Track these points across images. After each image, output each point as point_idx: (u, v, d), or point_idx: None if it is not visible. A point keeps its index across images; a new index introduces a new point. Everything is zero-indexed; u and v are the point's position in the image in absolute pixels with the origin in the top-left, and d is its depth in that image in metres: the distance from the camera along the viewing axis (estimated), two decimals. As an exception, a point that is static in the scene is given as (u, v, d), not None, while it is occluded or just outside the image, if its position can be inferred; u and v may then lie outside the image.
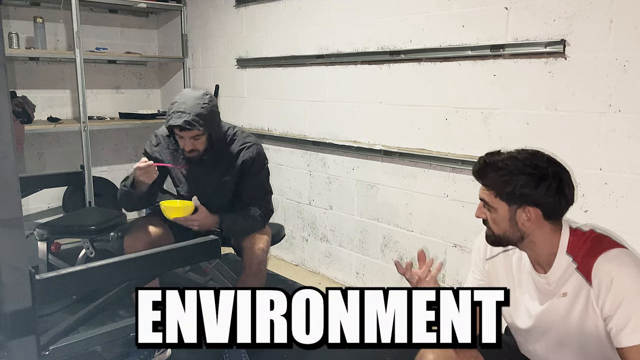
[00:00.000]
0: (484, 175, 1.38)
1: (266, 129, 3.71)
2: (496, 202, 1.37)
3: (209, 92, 2.26)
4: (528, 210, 1.34)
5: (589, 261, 1.30)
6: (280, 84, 3.55)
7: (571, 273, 1.33)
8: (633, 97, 1.96)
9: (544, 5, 2.16)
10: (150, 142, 2.40)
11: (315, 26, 3.23)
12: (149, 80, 4.76)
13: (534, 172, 1.33)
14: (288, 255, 3.72)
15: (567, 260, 1.34)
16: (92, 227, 3.01)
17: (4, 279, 1.29)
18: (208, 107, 2.18)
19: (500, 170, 1.35)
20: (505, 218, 1.36)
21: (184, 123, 2.10)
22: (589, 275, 1.29)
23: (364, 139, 3.03)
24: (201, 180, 2.36)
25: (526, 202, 1.33)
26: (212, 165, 2.32)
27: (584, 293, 1.31)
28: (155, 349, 2.34)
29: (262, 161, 2.40)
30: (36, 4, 3.96)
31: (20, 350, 1.35)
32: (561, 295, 1.35)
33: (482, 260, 1.56)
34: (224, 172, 2.34)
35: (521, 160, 1.35)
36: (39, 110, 3.96)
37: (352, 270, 3.24)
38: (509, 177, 1.33)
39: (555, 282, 1.36)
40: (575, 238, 1.35)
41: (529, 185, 1.32)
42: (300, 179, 3.52)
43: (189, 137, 2.18)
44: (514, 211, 1.35)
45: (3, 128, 1.19)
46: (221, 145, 2.32)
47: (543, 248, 1.37)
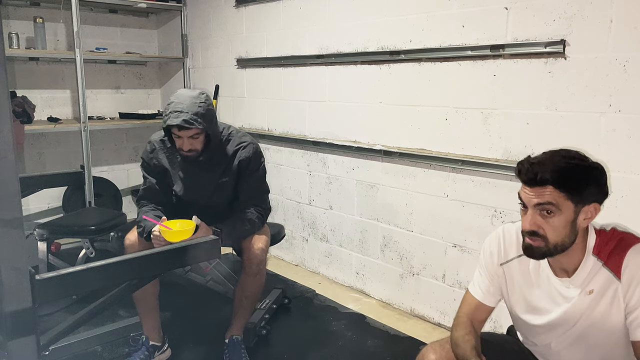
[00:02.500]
0: (549, 176, 1.27)
1: (266, 129, 3.71)
2: (564, 204, 1.27)
3: (205, 92, 2.26)
4: (589, 209, 1.29)
5: (618, 256, 1.29)
6: (280, 84, 3.55)
7: (597, 270, 1.32)
8: (633, 97, 1.96)
9: (544, 5, 2.16)
10: (146, 150, 2.39)
11: (315, 26, 3.23)
12: (149, 80, 4.76)
13: (597, 166, 1.30)
14: (288, 255, 3.73)
15: (593, 260, 1.33)
16: (92, 227, 3.01)
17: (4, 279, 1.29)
18: (205, 105, 2.18)
19: (568, 167, 1.28)
20: (568, 221, 1.28)
21: (183, 122, 2.10)
22: (619, 269, 1.28)
23: (364, 139, 3.03)
24: (199, 182, 2.36)
25: (592, 199, 1.29)
26: (209, 166, 2.32)
27: (612, 289, 1.30)
28: (155, 349, 2.34)
29: (259, 160, 2.39)
30: (36, 4, 3.96)
31: (20, 350, 1.35)
32: (587, 293, 1.34)
33: (495, 265, 1.51)
34: (221, 172, 2.34)
35: (575, 157, 1.30)
36: (39, 110, 3.96)
37: (352, 270, 3.24)
38: (582, 172, 1.28)
39: (580, 283, 1.35)
40: (600, 238, 1.34)
41: (599, 181, 1.29)
42: (300, 179, 3.52)
43: (187, 136, 2.18)
44: (578, 211, 1.29)
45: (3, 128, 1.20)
46: (218, 145, 2.32)
47: (575, 252, 1.33)
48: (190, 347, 2.51)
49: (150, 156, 2.37)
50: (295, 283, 3.31)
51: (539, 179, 1.27)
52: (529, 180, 1.29)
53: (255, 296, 2.38)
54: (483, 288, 1.54)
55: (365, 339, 2.61)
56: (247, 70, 3.81)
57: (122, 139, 4.61)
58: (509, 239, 1.49)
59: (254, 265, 2.28)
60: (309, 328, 2.76)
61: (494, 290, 1.53)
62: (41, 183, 3.16)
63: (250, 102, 3.83)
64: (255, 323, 2.56)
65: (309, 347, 2.55)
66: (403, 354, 2.47)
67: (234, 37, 3.88)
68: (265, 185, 2.45)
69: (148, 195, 2.37)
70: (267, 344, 2.57)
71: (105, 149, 4.52)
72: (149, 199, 2.36)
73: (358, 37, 2.98)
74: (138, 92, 4.69)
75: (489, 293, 1.54)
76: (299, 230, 3.60)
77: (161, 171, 2.37)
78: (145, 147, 2.40)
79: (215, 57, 4.11)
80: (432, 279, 2.76)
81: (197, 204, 2.38)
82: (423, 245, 2.78)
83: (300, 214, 3.56)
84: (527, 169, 1.30)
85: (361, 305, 3.01)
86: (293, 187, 3.58)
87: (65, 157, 4.23)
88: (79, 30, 3.68)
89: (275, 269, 3.51)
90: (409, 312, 2.91)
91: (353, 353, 2.50)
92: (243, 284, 2.33)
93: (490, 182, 2.43)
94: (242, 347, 2.36)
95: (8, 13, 3.85)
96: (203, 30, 4.20)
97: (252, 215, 2.33)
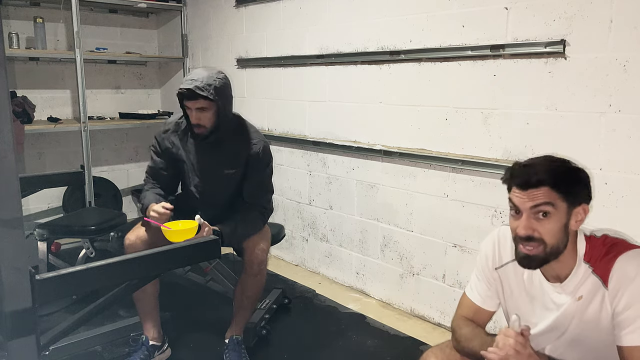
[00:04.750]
0: (544, 177, 1.27)
1: (266, 129, 3.71)
2: (559, 204, 1.27)
3: (224, 72, 2.26)
4: (579, 210, 1.30)
5: (607, 263, 1.28)
6: (280, 84, 3.55)
7: (587, 276, 1.32)
8: (633, 97, 1.96)
9: (544, 5, 2.16)
10: (160, 130, 2.41)
11: (315, 26, 3.23)
12: (149, 80, 4.76)
13: (582, 168, 1.32)
14: (288, 255, 3.72)
15: (584, 267, 1.32)
16: (92, 227, 3.01)
17: (4, 279, 1.29)
18: (221, 81, 2.20)
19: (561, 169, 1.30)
20: (562, 223, 1.28)
21: (195, 87, 2.11)
22: (607, 277, 1.28)
23: (364, 139, 3.03)
24: (207, 167, 2.35)
25: (581, 200, 1.30)
26: (218, 152, 2.31)
27: (599, 295, 1.30)
28: (155, 349, 2.34)
29: (268, 159, 2.39)
30: (36, 4, 3.96)
31: (20, 350, 1.35)
32: (576, 299, 1.33)
33: (491, 270, 1.50)
34: (229, 163, 2.33)
35: (563, 160, 1.32)
36: (39, 110, 3.96)
37: (352, 270, 3.24)
38: (573, 173, 1.30)
39: (571, 290, 1.34)
40: (590, 245, 1.34)
41: (587, 182, 1.31)
42: (300, 179, 3.52)
43: (196, 107, 2.18)
44: (570, 213, 1.29)
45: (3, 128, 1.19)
46: (229, 131, 2.31)
47: (567, 258, 1.33)
48: (190, 347, 2.51)
49: (163, 136, 2.39)
50: (295, 283, 3.31)
51: (535, 181, 1.27)
52: (523, 182, 1.28)
53: (255, 296, 2.38)
54: (482, 293, 1.53)
55: (365, 339, 2.61)
56: (247, 70, 3.81)
57: (122, 139, 4.61)
58: (504, 243, 1.47)
59: (255, 265, 2.28)
60: (309, 328, 2.76)
61: (492, 295, 1.52)
62: (41, 183, 3.16)
63: (250, 102, 3.83)
64: (255, 323, 2.56)
65: (309, 347, 2.55)
66: (403, 354, 2.47)
67: (234, 37, 3.88)
68: (271, 185, 2.45)
69: (152, 174, 2.40)
70: (267, 344, 2.57)
71: (105, 149, 4.52)
72: (153, 177, 2.39)
73: (358, 37, 2.98)
74: (138, 92, 4.69)
75: (488, 297, 1.52)
76: (299, 230, 3.60)
77: (171, 153, 2.37)
78: (160, 128, 2.43)
79: (215, 57, 4.11)
80: (432, 279, 2.76)
81: (201, 192, 2.38)
82: (423, 245, 2.78)
83: (300, 214, 3.56)
84: (520, 171, 1.30)
85: (361, 305, 3.01)
86: (293, 187, 3.58)
87: (65, 157, 4.23)
88: (79, 30, 3.69)
89: (275, 269, 3.51)
90: (409, 312, 2.91)
91: (353, 353, 2.50)
92: (243, 284, 2.33)
93: (490, 182, 2.43)
94: (242, 347, 2.36)
95: (8, 13, 3.85)
96: (203, 30, 4.20)
97: (255, 215, 2.33)
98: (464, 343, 1.44)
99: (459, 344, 1.46)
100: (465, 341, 1.44)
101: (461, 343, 1.46)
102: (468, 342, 1.43)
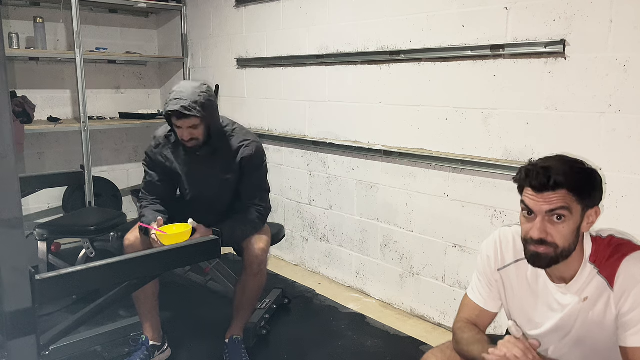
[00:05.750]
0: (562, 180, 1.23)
1: (266, 129, 3.71)
2: (575, 208, 1.25)
3: (207, 83, 2.27)
4: (591, 212, 1.29)
5: (613, 264, 1.28)
6: (280, 84, 3.55)
7: (592, 277, 1.31)
8: (633, 97, 1.96)
9: (544, 5, 2.16)
10: (150, 145, 2.40)
11: (315, 26, 3.23)
12: (149, 80, 4.76)
13: (595, 169, 1.30)
14: (288, 255, 3.72)
15: (590, 268, 1.32)
16: (92, 227, 3.01)
17: (4, 279, 1.29)
18: (206, 95, 2.19)
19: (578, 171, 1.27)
20: (575, 226, 1.26)
21: (182, 108, 2.11)
22: (612, 278, 1.27)
23: (364, 139, 3.03)
24: (203, 177, 2.36)
25: (595, 202, 1.28)
26: (212, 161, 2.32)
27: (605, 297, 1.30)
28: (155, 349, 2.34)
29: (261, 159, 2.40)
30: (36, 4, 3.96)
31: (20, 350, 1.35)
32: (582, 300, 1.33)
33: (493, 271, 1.49)
34: (224, 168, 2.34)
35: (577, 161, 1.30)
36: (39, 110, 3.96)
37: (352, 270, 3.24)
38: (589, 175, 1.28)
39: (576, 291, 1.34)
40: (596, 246, 1.33)
41: (601, 184, 1.29)
42: (300, 179, 3.52)
43: (187, 126, 2.18)
44: (583, 215, 1.27)
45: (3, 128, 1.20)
46: (220, 139, 2.32)
47: (574, 259, 1.32)
48: (190, 347, 2.51)
49: (155, 151, 2.38)
50: (295, 283, 3.31)
51: (553, 183, 1.23)
52: (540, 185, 1.24)
53: (255, 296, 2.39)
54: (484, 294, 1.51)
55: (365, 339, 2.61)
56: (247, 70, 3.81)
57: (122, 139, 4.61)
58: (506, 244, 1.46)
59: (255, 265, 2.28)
60: (309, 328, 2.75)
61: (494, 296, 1.51)
62: (41, 183, 3.16)
63: (250, 102, 3.83)
64: (255, 323, 2.56)
65: (309, 347, 2.55)
66: (403, 354, 2.47)
67: (234, 37, 3.88)
68: (267, 184, 2.46)
69: (149, 189, 2.39)
70: (267, 344, 2.57)
71: (105, 149, 4.52)
72: (150, 192, 2.38)
73: (358, 37, 2.98)
74: (138, 92, 4.69)
75: (491, 299, 1.51)
76: (299, 230, 3.60)
77: (165, 167, 2.37)
78: (150, 143, 2.41)
79: (215, 57, 4.11)
80: (432, 279, 2.76)
81: (200, 201, 2.38)
82: (423, 245, 2.78)
83: (300, 214, 3.56)
84: (537, 173, 1.25)
85: (361, 305, 3.01)
86: (293, 187, 3.58)
87: (65, 157, 4.23)
88: (79, 30, 3.68)
89: (275, 269, 3.51)
90: (409, 312, 2.91)
91: (353, 353, 2.50)
92: (243, 284, 2.33)
93: (490, 182, 2.43)
94: (242, 347, 2.36)
95: (8, 13, 3.85)
96: (203, 30, 4.20)
97: (253, 215, 2.33)
98: (465, 346, 1.44)
99: (460, 346, 1.46)
100: (466, 345, 1.43)
101: (461, 346, 1.45)
102: (469, 346, 1.43)
